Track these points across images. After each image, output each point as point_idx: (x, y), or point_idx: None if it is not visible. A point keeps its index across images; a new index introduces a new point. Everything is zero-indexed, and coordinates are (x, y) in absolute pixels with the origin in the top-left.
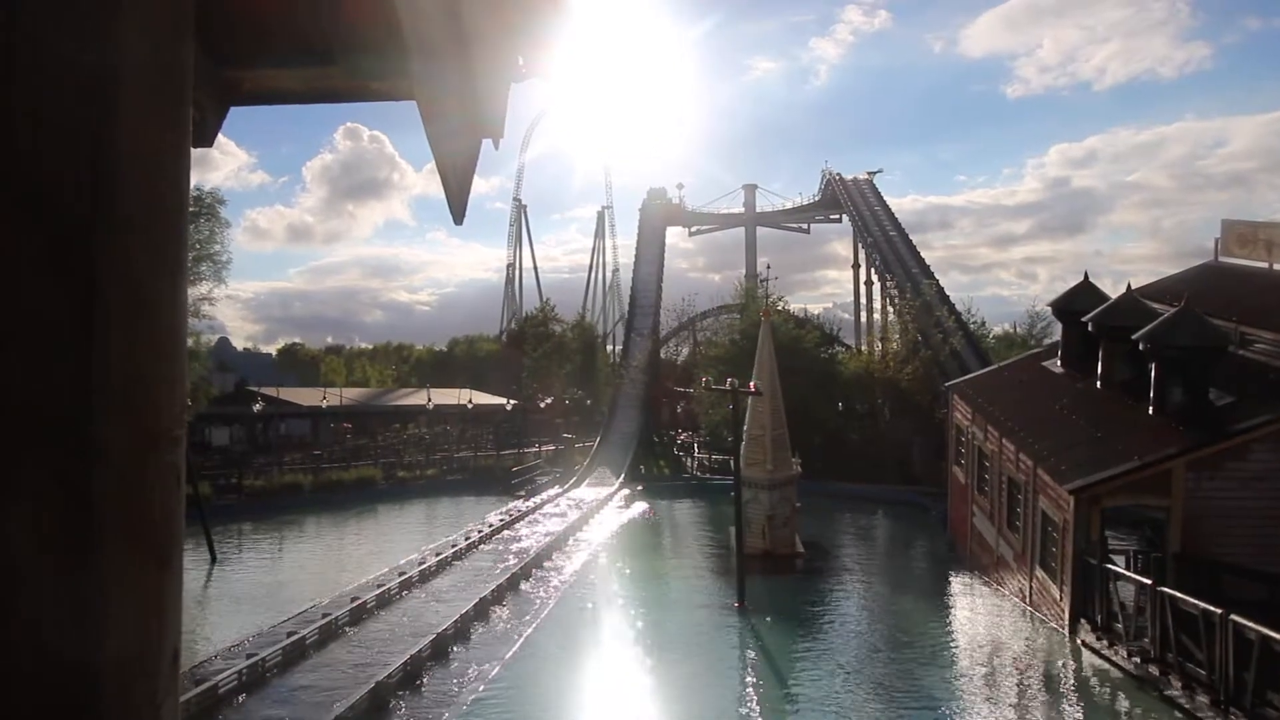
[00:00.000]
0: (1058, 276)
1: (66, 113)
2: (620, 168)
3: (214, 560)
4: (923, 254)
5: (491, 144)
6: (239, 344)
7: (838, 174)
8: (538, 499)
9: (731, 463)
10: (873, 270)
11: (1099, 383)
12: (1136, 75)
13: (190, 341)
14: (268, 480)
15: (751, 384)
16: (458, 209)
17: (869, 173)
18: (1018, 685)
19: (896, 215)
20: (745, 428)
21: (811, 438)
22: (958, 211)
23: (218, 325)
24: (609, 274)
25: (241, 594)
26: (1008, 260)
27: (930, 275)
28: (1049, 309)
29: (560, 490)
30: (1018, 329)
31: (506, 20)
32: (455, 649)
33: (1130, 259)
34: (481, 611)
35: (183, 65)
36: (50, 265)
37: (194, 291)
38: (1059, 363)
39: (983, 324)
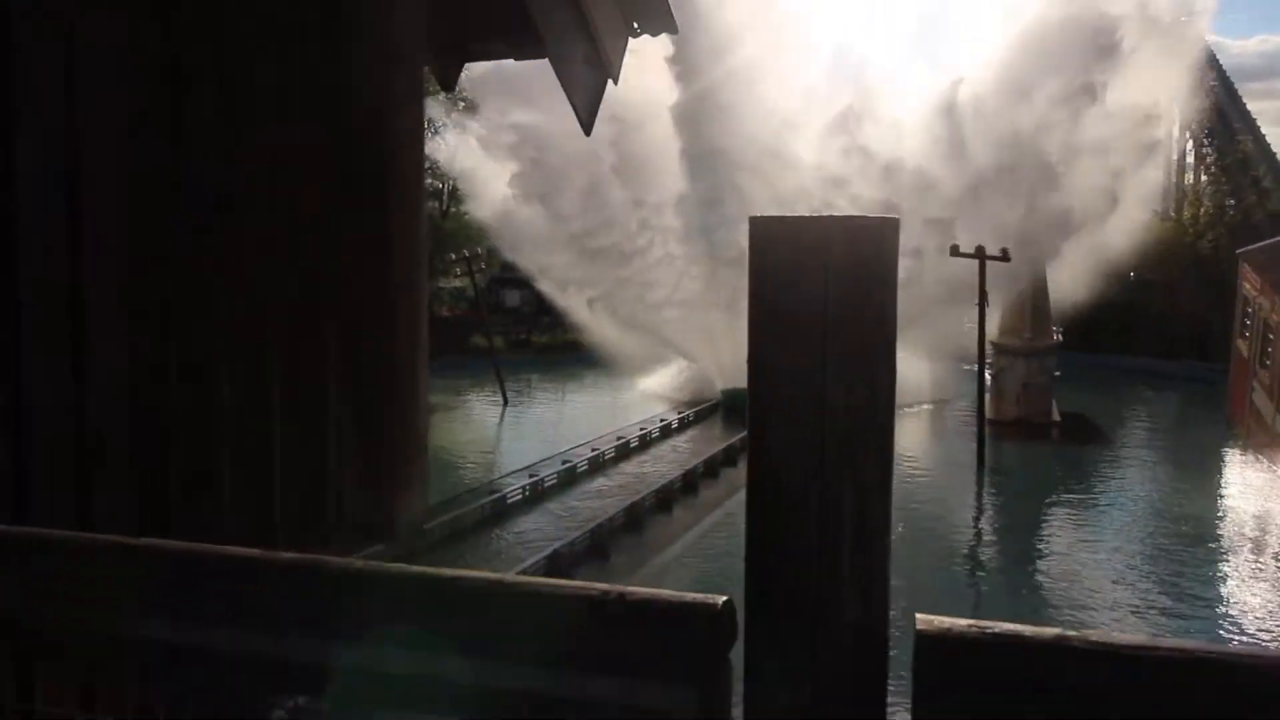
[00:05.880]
0: None
1: (371, 79)
2: None
3: (505, 403)
4: (1258, 105)
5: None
6: None
7: None
8: None
9: (975, 329)
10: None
11: None
12: None
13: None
14: (552, 338)
15: (1000, 249)
16: (586, 126)
17: None
18: (1276, 567)
19: (1221, 59)
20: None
21: (1096, 308)
22: None
23: None
24: None
25: (527, 429)
26: None
27: (1254, 129)
28: None
29: None
30: None
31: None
32: (704, 486)
33: None
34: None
35: (420, 37)
36: (382, 192)
37: None
38: None
39: None
